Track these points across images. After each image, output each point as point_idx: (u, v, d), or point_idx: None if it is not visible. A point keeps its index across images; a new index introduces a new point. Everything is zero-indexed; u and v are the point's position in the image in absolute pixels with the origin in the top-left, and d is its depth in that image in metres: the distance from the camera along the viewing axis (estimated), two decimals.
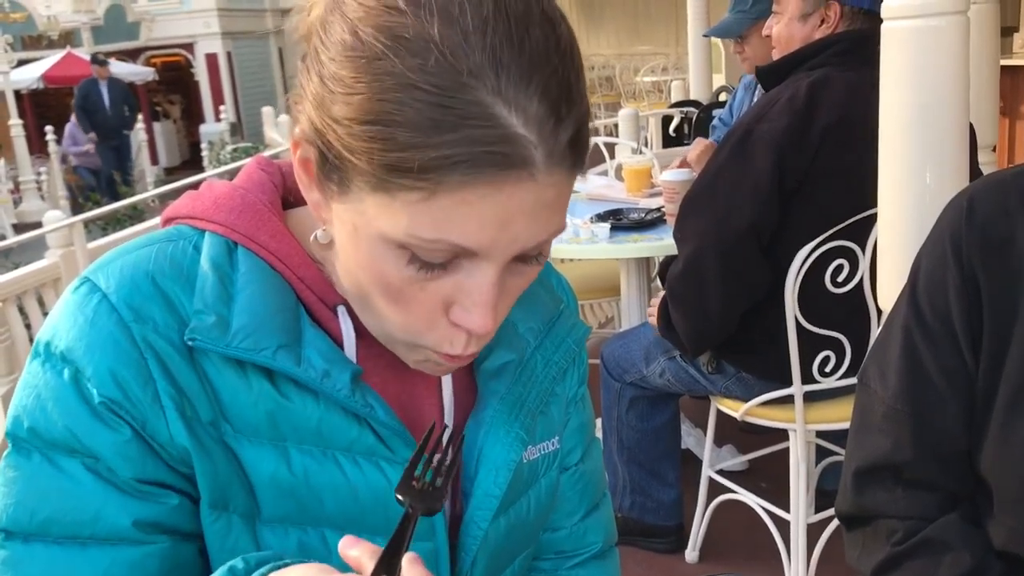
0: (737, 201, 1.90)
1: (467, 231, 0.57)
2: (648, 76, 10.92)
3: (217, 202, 0.71)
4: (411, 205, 0.56)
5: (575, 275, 3.41)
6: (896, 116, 1.43)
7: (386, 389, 0.72)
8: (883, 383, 0.96)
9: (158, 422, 0.64)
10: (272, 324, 0.66)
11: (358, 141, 0.56)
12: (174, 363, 0.64)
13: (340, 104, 0.57)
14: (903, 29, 1.37)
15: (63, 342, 0.64)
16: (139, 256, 0.67)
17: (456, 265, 0.60)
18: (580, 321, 0.86)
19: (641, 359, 2.29)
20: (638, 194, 2.89)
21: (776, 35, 2.10)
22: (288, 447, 0.67)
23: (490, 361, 0.76)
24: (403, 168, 0.55)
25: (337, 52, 0.58)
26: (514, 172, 0.56)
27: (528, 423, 0.76)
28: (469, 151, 0.54)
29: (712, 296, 1.95)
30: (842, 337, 1.96)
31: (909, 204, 1.44)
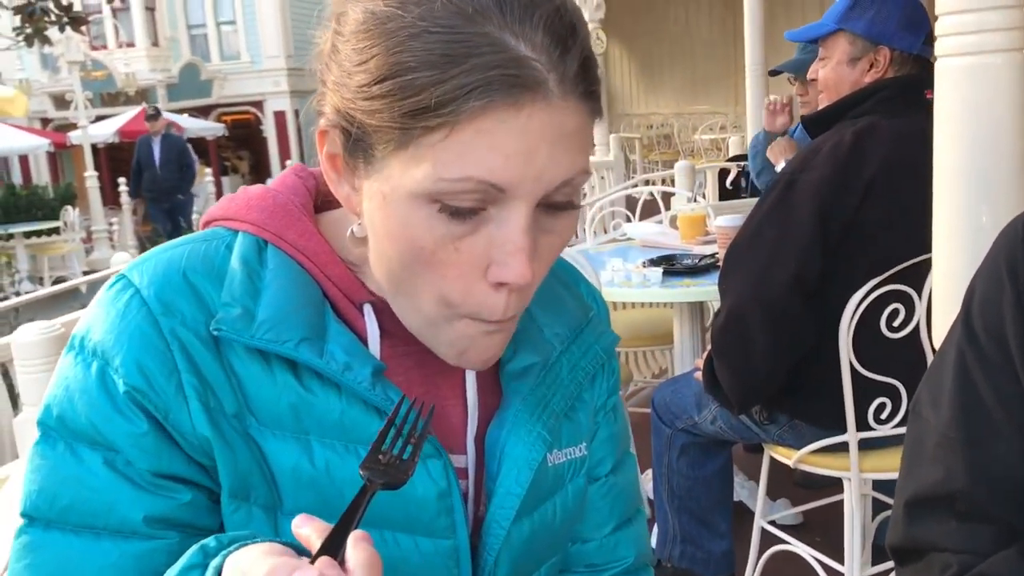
0: (780, 251, 1.88)
1: (492, 164, 0.59)
2: (706, 134, 10.95)
3: (249, 203, 0.74)
4: (434, 148, 0.59)
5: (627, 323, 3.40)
6: (950, 156, 1.41)
7: (410, 390, 0.72)
8: (936, 411, 0.94)
9: (181, 412, 0.66)
10: (296, 318, 0.68)
11: (378, 101, 0.60)
12: (200, 355, 0.67)
13: (358, 75, 0.61)
14: (958, 67, 1.36)
15: (96, 335, 0.68)
16: (173, 254, 0.71)
17: (486, 218, 0.61)
18: (610, 329, 0.86)
19: (693, 405, 2.26)
20: (692, 241, 2.89)
21: (823, 80, 2.09)
22: (311, 440, 0.69)
23: (514, 363, 0.77)
24: (422, 108, 0.58)
25: (351, 33, 0.62)
26: (528, 93, 0.58)
27: (551, 424, 0.77)
28: (482, 76, 0.57)
29: (756, 349, 1.92)
30: (897, 383, 1.92)
31: (964, 246, 1.42)
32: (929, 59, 1.40)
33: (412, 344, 0.74)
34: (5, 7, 6.69)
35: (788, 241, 1.87)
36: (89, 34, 19.05)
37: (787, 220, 1.88)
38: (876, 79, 2.00)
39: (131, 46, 21.47)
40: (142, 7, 21.28)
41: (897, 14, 1.97)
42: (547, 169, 0.60)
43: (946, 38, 1.37)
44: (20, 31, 6.57)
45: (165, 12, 22.19)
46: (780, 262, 1.87)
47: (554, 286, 0.84)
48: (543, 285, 0.80)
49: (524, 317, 0.78)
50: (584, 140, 0.63)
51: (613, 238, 3.57)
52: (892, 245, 1.86)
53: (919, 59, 1.97)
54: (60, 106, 19.75)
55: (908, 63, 1.99)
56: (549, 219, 0.64)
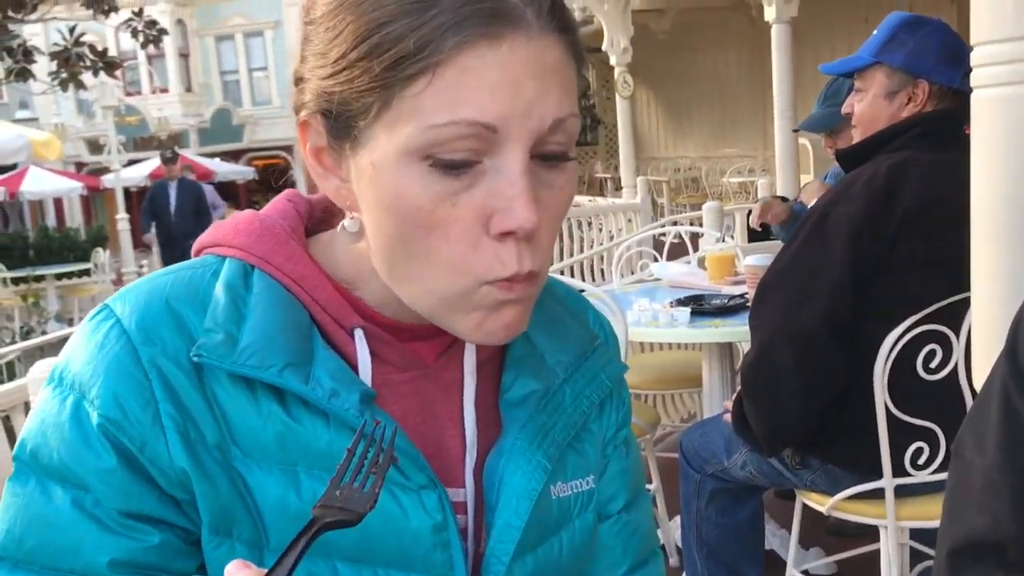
0: (813, 285, 1.84)
1: (479, 102, 0.58)
2: (735, 177, 10.93)
3: (237, 228, 0.72)
4: (418, 97, 0.58)
5: (655, 365, 3.35)
6: (988, 190, 1.37)
7: (405, 419, 0.70)
8: (980, 452, 0.89)
9: (158, 443, 0.64)
10: (280, 342, 0.65)
11: (358, 66, 0.60)
12: (180, 384, 0.64)
13: (334, 50, 0.61)
14: (994, 98, 1.33)
15: (74, 367, 0.66)
16: (158, 283, 0.69)
17: (481, 171, 0.60)
18: (618, 359, 0.83)
19: (722, 449, 2.20)
20: (721, 281, 2.84)
21: (859, 114, 2.04)
22: (298, 471, 0.66)
23: (514, 390, 0.74)
24: (401, 58, 0.58)
25: (322, 16, 0.63)
26: (508, 26, 0.58)
27: (552, 453, 0.73)
28: (456, 14, 0.57)
29: (787, 387, 1.87)
30: (935, 427, 1.86)
31: (1004, 284, 1.37)
32: (969, 93, 1.37)
33: (407, 370, 0.71)
34: (42, 52, 6.83)
35: (821, 274, 1.83)
36: (124, 80, 19.47)
37: (820, 253, 1.84)
38: (914, 113, 1.96)
39: (165, 92, 21.91)
40: (176, 54, 21.75)
41: (937, 47, 1.94)
42: (535, 104, 0.59)
43: (981, 68, 1.34)
44: (56, 76, 6.70)
45: (199, 59, 22.66)
46: (813, 295, 1.83)
47: (558, 313, 0.81)
48: (546, 311, 0.78)
49: (525, 343, 0.76)
50: (569, 80, 0.62)
51: (640, 278, 3.53)
52: (928, 283, 1.81)
53: (959, 94, 1.92)
54: (94, 150, 20.15)
55: (947, 97, 1.95)
56: (547, 172, 0.63)
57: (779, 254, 1.98)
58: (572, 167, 0.65)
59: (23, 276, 11.12)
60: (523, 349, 0.75)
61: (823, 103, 2.95)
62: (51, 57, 6.74)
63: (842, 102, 2.75)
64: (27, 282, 11.08)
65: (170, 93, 21.89)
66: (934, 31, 1.98)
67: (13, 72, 6.68)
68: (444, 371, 0.73)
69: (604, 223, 6.38)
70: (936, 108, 1.95)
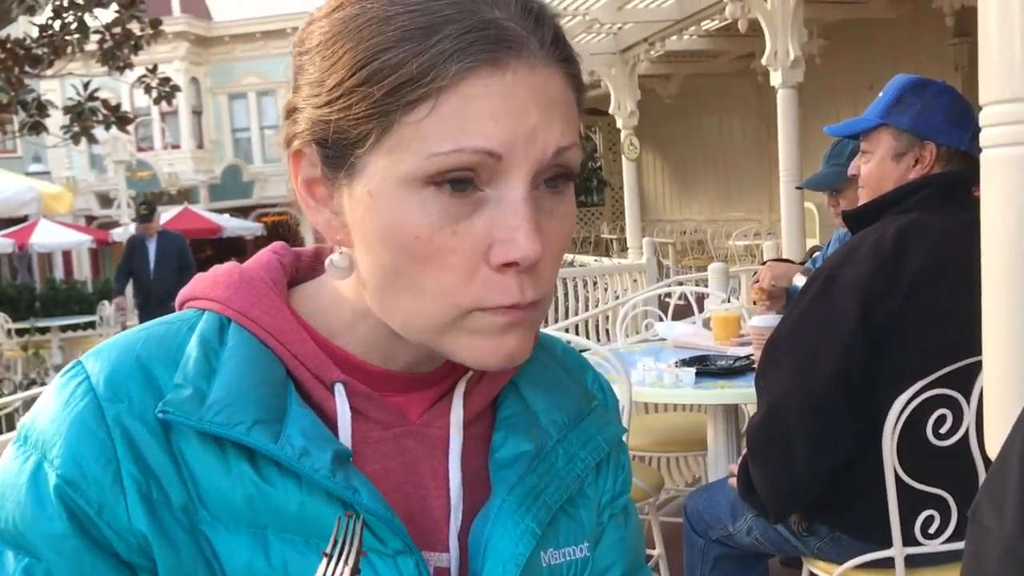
0: (821, 347, 1.81)
1: (483, 129, 0.57)
2: (740, 240, 10.95)
3: (216, 280, 0.70)
4: (420, 124, 0.57)
5: (659, 427, 3.30)
6: (998, 252, 1.35)
7: (387, 478, 0.67)
8: (999, 519, 0.85)
9: (117, 505, 0.61)
10: (251, 398, 0.62)
11: (356, 93, 0.58)
12: (145, 443, 0.62)
13: (331, 78, 0.60)
14: (1003, 158, 1.31)
15: (38, 425, 0.64)
16: (132, 338, 0.66)
17: (483, 199, 0.59)
18: (616, 421, 0.80)
19: (727, 514, 2.16)
20: (727, 342, 2.81)
21: (865, 176, 2.03)
22: (267, 535, 0.62)
23: (504, 451, 0.71)
24: (402, 83, 0.57)
25: (317, 46, 0.62)
26: (511, 54, 0.58)
27: (542, 517, 0.69)
28: (460, 41, 0.56)
29: (795, 451, 1.83)
30: (946, 495, 1.82)
31: (1016, 348, 1.35)
32: (976, 156, 1.36)
33: (390, 427, 0.68)
34: (56, 107, 6.92)
35: (830, 336, 1.80)
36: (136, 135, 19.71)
37: (828, 315, 1.81)
38: (922, 175, 1.95)
39: (176, 148, 22.18)
40: (189, 111, 22.06)
41: (943, 109, 1.94)
42: (539, 132, 0.59)
43: (990, 128, 1.32)
44: (68, 129, 6.78)
45: (212, 116, 22.99)
46: (822, 358, 1.80)
47: (555, 371, 0.78)
48: (542, 369, 0.75)
49: (517, 401, 0.73)
50: (571, 111, 0.62)
51: (645, 338, 3.50)
52: (937, 346, 1.78)
53: (966, 155, 1.92)
54: (105, 204, 20.33)
55: (955, 159, 1.94)
56: (548, 200, 0.62)
57: (785, 315, 1.96)
58: (571, 197, 0.64)
59: (27, 327, 11.12)
60: (515, 407, 0.72)
61: (827, 162, 2.95)
62: (65, 111, 6.83)
63: (846, 161, 2.76)
64: (31, 333, 11.08)
65: (182, 149, 22.16)
66: (940, 93, 1.98)
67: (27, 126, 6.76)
68: (429, 428, 0.70)
69: (609, 283, 6.37)
70: (944, 170, 1.94)
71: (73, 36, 6.53)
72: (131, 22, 6.64)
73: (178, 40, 21.25)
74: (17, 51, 6.40)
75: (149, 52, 7.50)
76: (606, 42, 8.45)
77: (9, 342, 9.83)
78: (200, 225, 19.51)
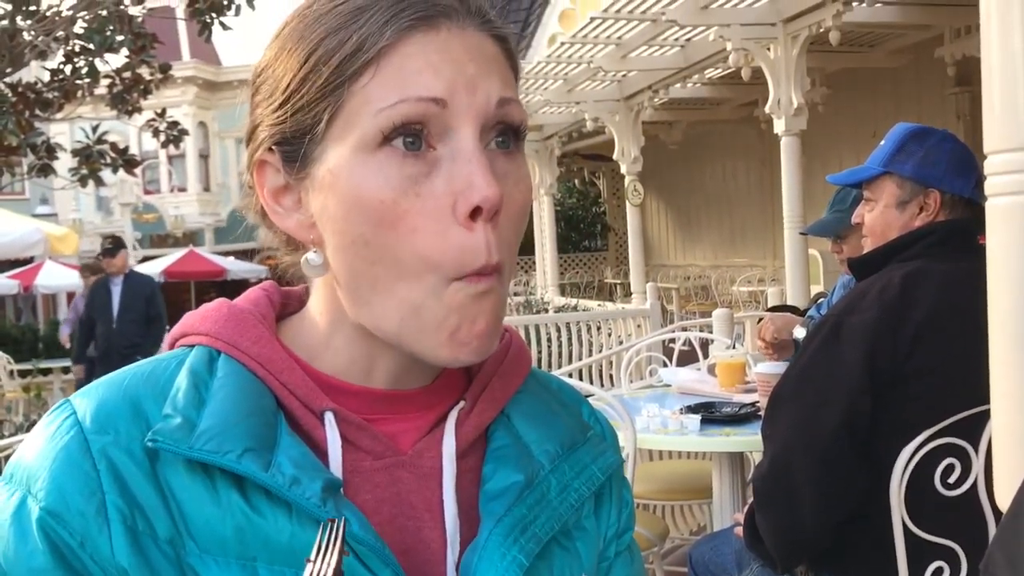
0: (828, 396, 1.80)
1: (424, 80, 0.60)
2: (744, 286, 10.95)
3: (205, 315, 0.71)
4: (366, 88, 0.61)
5: (664, 475, 3.27)
6: (1006, 300, 1.34)
7: (379, 509, 0.67)
8: (1013, 572, 0.84)
9: (100, 537, 0.60)
10: (241, 428, 0.62)
11: (307, 82, 0.62)
12: (131, 475, 0.62)
13: (283, 81, 0.64)
14: (1010, 206, 1.31)
15: (24, 460, 0.64)
16: (119, 375, 0.67)
17: (437, 157, 0.61)
18: (613, 452, 0.79)
19: (733, 564, 2.13)
20: (732, 389, 2.80)
21: (870, 224, 2.03)
22: (257, 566, 0.61)
23: (493, 483, 0.70)
24: (345, 58, 0.61)
25: (266, 65, 0.67)
26: (443, 18, 0.62)
27: (531, 549, 0.68)
28: (392, 9, 0.61)
29: (802, 500, 1.81)
30: (955, 546, 1.79)
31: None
32: (980, 203, 1.36)
33: (381, 457, 0.67)
34: (64, 150, 6.97)
35: (836, 385, 1.79)
36: (144, 178, 19.86)
37: (834, 363, 1.80)
38: (927, 222, 1.95)
39: (183, 191, 22.32)
40: (197, 155, 22.25)
41: (946, 157, 1.94)
42: (478, 81, 0.62)
43: (995, 177, 1.33)
44: (76, 172, 6.82)
45: (218, 159, 23.17)
46: (828, 407, 1.78)
47: (548, 403, 0.77)
48: (535, 401, 0.75)
49: (508, 434, 0.72)
50: (508, 75, 0.65)
51: (649, 384, 3.48)
52: (944, 395, 1.77)
53: (971, 203, 1.92)
54: None
55: (959, 207, 1.94)
56: (502, 161, 0.64)
57: (792, 363, 1.94)
58: (524, 162, 0.67)
59: (29, 368, 11.10)
60: (506, 439, 0.72)
61: (831, 209, 2.95)
62: (73, 154, 6.87)
63: (849, 208, 2.76)
64: (33, 375, 11.05)
65: (188, 192, 22.30)
66: (942, 141, 1.98)
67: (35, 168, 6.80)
68: (421, 459, 0.70)
69: (613, 328, 6.36)
70: (948, 217, 1.94)
71: (84, 80, 6.59)
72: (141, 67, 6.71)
73: (187, 85, 21.51)
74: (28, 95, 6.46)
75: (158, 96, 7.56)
76: (610, 89, 8.53)
77: (11, 383, 9.80)
78: (205, 268, 19.56)
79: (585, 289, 14.66)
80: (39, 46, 6.09)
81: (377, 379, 0.69)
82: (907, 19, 6.69)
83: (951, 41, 6.86)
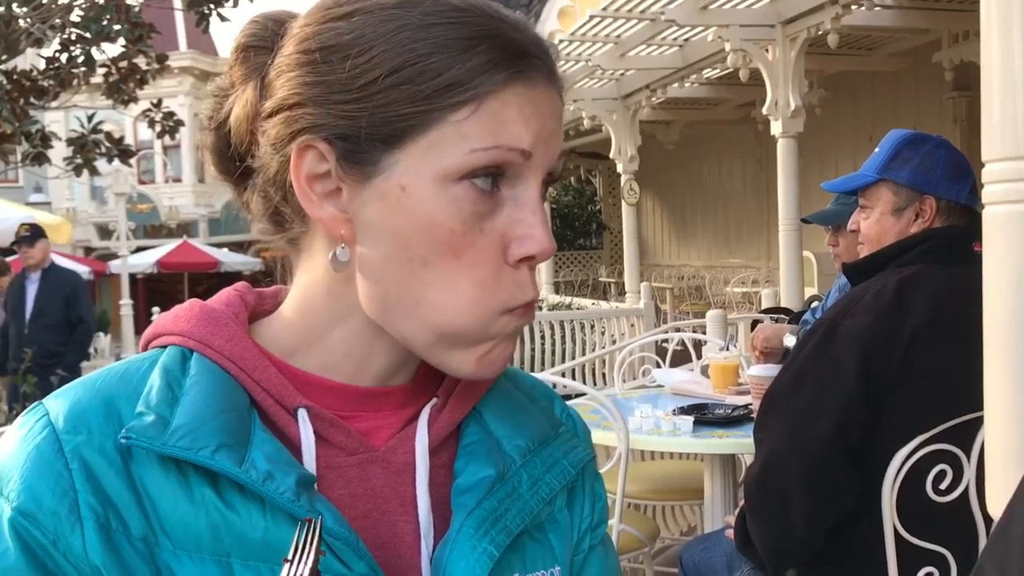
0: (821, 400, 1.79)
1: (517, 131, 0.63)
2: (738, 287, 10.96)
3: (177, 316, 0.71)
4: (461, 124, 0.62)
5: (655, 476, 3.27)
6: (1001, 307, 1.34)
7: (352, 504, 0.67)
8: None
9: (73, 536, 0.60)
10: (215, 424, 0.62)
11: (395, 92, 0.62)
12: (104, 473, 0.62)
13: (361, 78, 0.62)
14: (1006, 214, 1.31)
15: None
16: (92, 377, 0.67)
17: (500, 199, 0.64)
18: (585, 447, 0.80)
19: (723, 566, 2.13)
20: (725, 391, 2.80)
21: (865, 232, 2.03)
22: (232, 562, 0.61)
23: (464, 477, 0.71)
24: (447, 86, 0.62)
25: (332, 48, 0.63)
26: (538, 73, 0.65)
27: (501, 541, 0.69)
28: (501, 53, 0.63)
29: (793, 505, 1.81)
30: (946, 552, 1.79)
31: (1018, 403, 1.33)
32: (976, 209, 1.36)
33: (355, 453, 0.68)
34: (59, 138, 6.95)
35: (830, 389, 1.79)
36: (139, 168, 19.80)
37: (828, 368, 1.80)
38: (923, 229, 1.95)
39: (178, 181, 22.28)
40: (192, 146, 22.18)
41: (941, 163, 1.94)
42: (552, 138, 0.66)
43: (993, 185, 1.32)
44: (71, 161, 6.79)
45: None
46: (822, 411, 1.78)
47: (519, 399, 0.78)
48: (506, 397, 0.77)
49: (479, 429, 0.74)
50: (561, 133, 0.69)
51: (642, 384, 3.48)
52: (937, 400, 1.77)
53: (967, 209, 1.92)
54: (104, 236, 20.35)
55: (955, 213, 1.94)
56: None
57: (785, 366, 1.94)
58: None
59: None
60: (478, 435, 0.73)
61: (838, 200, 2.95)
62: (68, 143, 6.85)
63: (854, 201, 2.76)
64: None
65: (183, 183, 22.26)
66: (937, 147, 1.98)
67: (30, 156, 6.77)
68: (394, 455, 0.70)
69: (607, 327, 6.36)
70: (945, 223, 1.94)
71: (79, 69, 6.56)
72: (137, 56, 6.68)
73: (183, 75, 21.45)
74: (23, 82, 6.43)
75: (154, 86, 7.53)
76: (608, 88, 8.53)
77: None
78: (198, 259, 19.55)
79: (579, 287, 14.67)
80: (35, 33, 6.06)
81: (365, 376, 0.70)
82: (906, 23, 6.70)
83: (949, 46, 6.88)
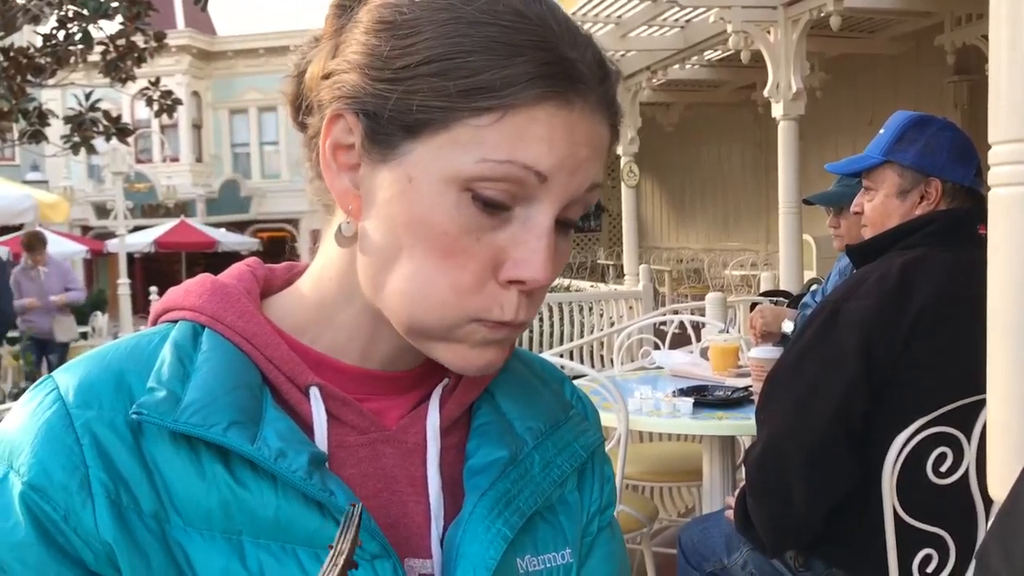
0: (823, 383, 1.79)
1: (538, 152, 0.60)
2: (737, 270, 10.95)
3: (188, 290, 0.70)
4: (481, 130, 0.59)
5: (655, 456, 3.28)
6: (1005, 290, 1.34)
7: (363, 483, 0.67)
8: (1008, 564, 0.84)
9: (84, 511, 0.60)
10: (227, 401, 0.62)
11: (425, 82, 0.59)
12: (115, 448, 0.61)
13: (401, 60, 0.60)
14: (1012, 196, 1.30)
15: (6, 436, 0.63)
16: (103, 350, 0.66)
17: (510, 217, 0.62)
18: (595, 430, 0.80)
19: (723, 547, 2.13)
20: (724, 373, 2.80)
21: (869, 213, 2.02)
22: (243, 540, 0.61)
23: (477, 458, 0.71)
24: (477, 89, 0.59)
25: (386, 24, 0.62)
26: (579, 96, 0.61)
27: (515, 522, 0.69)
28: (544, 68, 0.59)
29: (794, 487, 1.81)
30: (945, 534, 1.80)
31: (1021, 387, 1.33)
32: (981, 192, 1.35)
33: (366, 432, 0.68)
34: (56, 116, 6.92)
35: (832, 372, 1.78)
36: (136, 147, 19.72)
37: (831, 350, 1.80)
38: (927, 211, 1.94)
39: (176, 161, 22.20)
40: (190, 125, 22.10)
41: (947, 145, 1.93)
42: (581, 168, 0.62)
43: (999, 167, 1.32)
44: (68, 139, 6.77)
45: (212, 130, 23.03)
46: (824, 394, 1.78)
47: (531, 381, 0.78)
48: (518, 379, 0.77)
49: (492, 410, 0.73)
50: (605, 160, 0.66)
51: (642, 366, 3.49)
52: (940, 384, 1.77)
53: (972, 192, 1.91)
54: (101, 215, 20.29)
55: (960, 196, 1.94)
56: (559, 238, 0.64)
57: (787, 348, 1.94)
58: (570, 236, 0.68)
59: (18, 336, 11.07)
60: (490, 416, 0.73)
61: (840, 182, 2.93)
62: (65, 121, 6.83)
63: (857, 183, 2.74)
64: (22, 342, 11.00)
65: (181, 162, 22.18)
66: (943, 129, 1.97)
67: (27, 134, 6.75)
68: (406, 435, 0.70)
69: (605, 309, 6.36)
70: (950, 206, 1.93)
71: (77, 47, 6.53)
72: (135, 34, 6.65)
73: (181, 54, 21.33)
74: (20, 60, 6.40)
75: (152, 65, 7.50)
76: None
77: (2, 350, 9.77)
78: (196, 239, 19.52)
79: (578, 270, 14.66)
80: (32, 10, 6.03)
81: (373, 360, 0.70)
82: (908, 6, 6.67)
83: (951, 29, 6.85)
